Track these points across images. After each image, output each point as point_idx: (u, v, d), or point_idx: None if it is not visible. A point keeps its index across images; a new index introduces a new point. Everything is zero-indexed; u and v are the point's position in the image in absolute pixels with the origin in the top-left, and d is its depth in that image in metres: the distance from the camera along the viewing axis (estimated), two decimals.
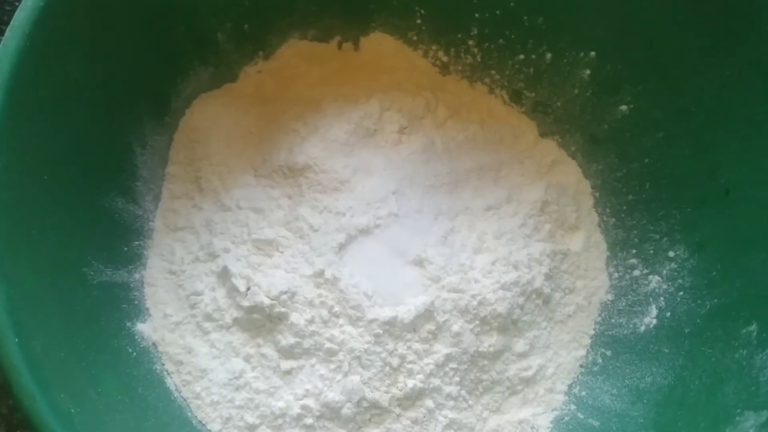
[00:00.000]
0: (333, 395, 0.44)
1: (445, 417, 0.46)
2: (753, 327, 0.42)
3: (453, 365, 0.46)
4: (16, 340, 0.31)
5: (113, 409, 0.38)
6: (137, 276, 0.46)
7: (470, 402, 0.47)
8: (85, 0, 0.39)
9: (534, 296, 0.49)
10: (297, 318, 0.45)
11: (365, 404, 0.44)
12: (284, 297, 0.45)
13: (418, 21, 0.55)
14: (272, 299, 0.44)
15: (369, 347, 0.45)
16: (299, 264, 0.46)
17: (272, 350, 0.45)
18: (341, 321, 0.45)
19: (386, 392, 0.45)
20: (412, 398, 0.45)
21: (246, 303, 0.45)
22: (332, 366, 0.45)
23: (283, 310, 0.45)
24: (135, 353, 0.43)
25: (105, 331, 0.41)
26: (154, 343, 0.45)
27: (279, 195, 0.49)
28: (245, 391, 0.44)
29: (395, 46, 0.56)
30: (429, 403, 0.46)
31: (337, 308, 0.45)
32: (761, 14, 0.43)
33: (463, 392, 0.47)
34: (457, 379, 0.46)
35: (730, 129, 0.46)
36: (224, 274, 0.46)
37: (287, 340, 0.44)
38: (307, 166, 0.49)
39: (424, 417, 0.46)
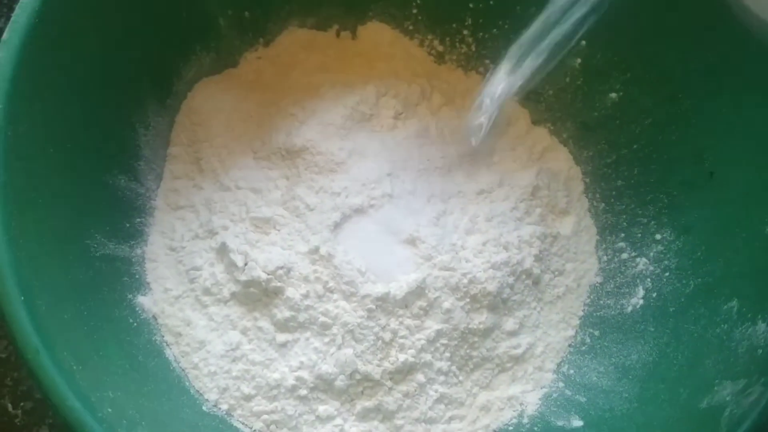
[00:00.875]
0: (326, 368, 0.45)
1: (436, 391, 0.47)
2: (734, 303, 0.43)
3: (444, 341, 0.47)
4: (22, 298, 0.33)
5: (114, 372, 0.39)
6: (138, 251, 0.48)
7: (460, 377, 0.48)
8: None
9: (524, 276, 0.50)
10: (292, 293, 0.46)
11: (358, 377, 0.46)
12: (280, 272, 0.46)
13: (414, 11, 0.57)
14: (269, 274, 0.46)
15: (362, 322, 0.46)
16: (295, 241, 0.48)
17: (268, 323, 0.46)
18: (335, 296, 0.46)
19: (378, 366, 0.46)
20: (403, 372, 0.47)
21: (243, 277, 0.46)
22: (326, 339, 0.46)
23: (279, 284, 0.46)
24: (136, 324, 0.45)
25: (107, 300, 0.43)
26: (154, 316, 0.47)
27: (277, 176, 0.51)
28: (242, 363, 0.46)
29: (392, 35, 0.58)
30: (420, 377, 0.47)
31: (331, 284, 0.46)
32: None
33: (453, 368, 0.48)
34: (447, 354, 0.48)
35: (715, 114, 0.48)
36: (223, 250, 0.47)
37: (283, 313, 0.46)
38: (304, 148, 0.50)
39: (415, 391, 0.47)
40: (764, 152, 0.44)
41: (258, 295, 0.46)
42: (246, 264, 0.46)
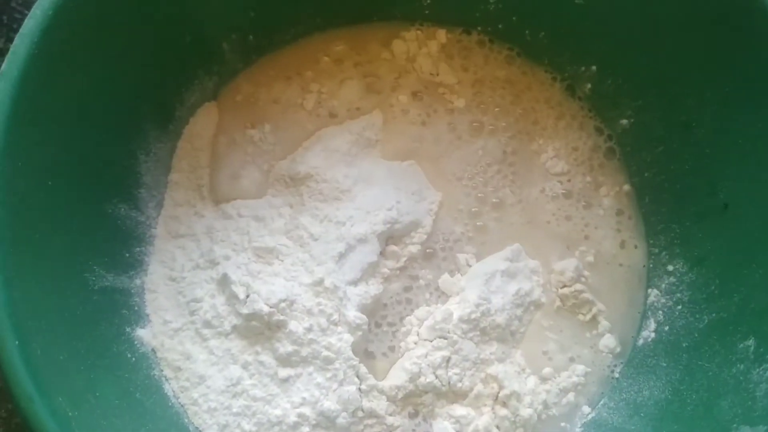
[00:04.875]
0: (329, 404, 0.44)
1: None
2: (750, 342, 0.42)
3: (456, 371, 0.46)
4: (17, 342, 0.31)
5: (111, 413, 0.38)
6: (138, 282, 0.47)
7: None
8: (93, 10, 0.40)
9: (532, 308, 0.49)
10: (295, 326, 0.45)
11: (360, 414, 0.45)
12: (283, 305, 0.45)
13: None
14: (271, 307, 0.45)
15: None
16: (299, 272, 0.47)
17: (270, 358, 0.45)
18: (340, 329, 0.45)
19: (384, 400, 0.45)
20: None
21: (245, 310, 0.45)
22: (328, 374, 0.45)
23: (281, 317, 0.45)
24: (134, 358, 0.44)
25: (105, 335, 0.42)
26: (153, 349, 0.46)
27: (280, 204, 0.50)
28: (242, 398, 0.45)
29: None
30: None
31: (335, 316, 0.45)
32: (759, 33, 0.43)
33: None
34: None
35: (730, 144, 0.46)
36: (224, 282, 0.46)
37: (285, 347, 0.45)
38: (308, 175, 0.49)
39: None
40: None
41: (260, 328, 0.45)
42: (248, 296, 0.45)
